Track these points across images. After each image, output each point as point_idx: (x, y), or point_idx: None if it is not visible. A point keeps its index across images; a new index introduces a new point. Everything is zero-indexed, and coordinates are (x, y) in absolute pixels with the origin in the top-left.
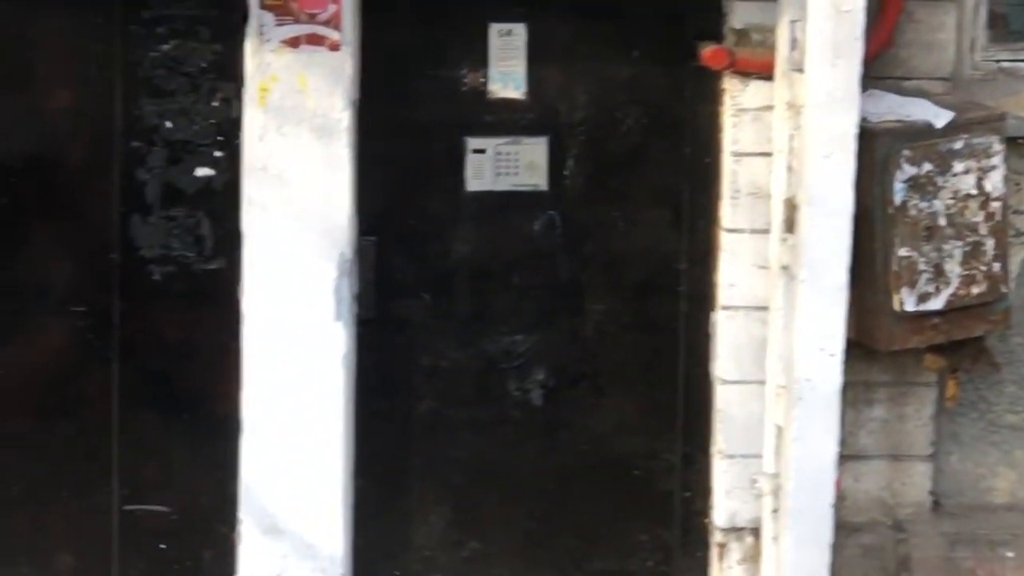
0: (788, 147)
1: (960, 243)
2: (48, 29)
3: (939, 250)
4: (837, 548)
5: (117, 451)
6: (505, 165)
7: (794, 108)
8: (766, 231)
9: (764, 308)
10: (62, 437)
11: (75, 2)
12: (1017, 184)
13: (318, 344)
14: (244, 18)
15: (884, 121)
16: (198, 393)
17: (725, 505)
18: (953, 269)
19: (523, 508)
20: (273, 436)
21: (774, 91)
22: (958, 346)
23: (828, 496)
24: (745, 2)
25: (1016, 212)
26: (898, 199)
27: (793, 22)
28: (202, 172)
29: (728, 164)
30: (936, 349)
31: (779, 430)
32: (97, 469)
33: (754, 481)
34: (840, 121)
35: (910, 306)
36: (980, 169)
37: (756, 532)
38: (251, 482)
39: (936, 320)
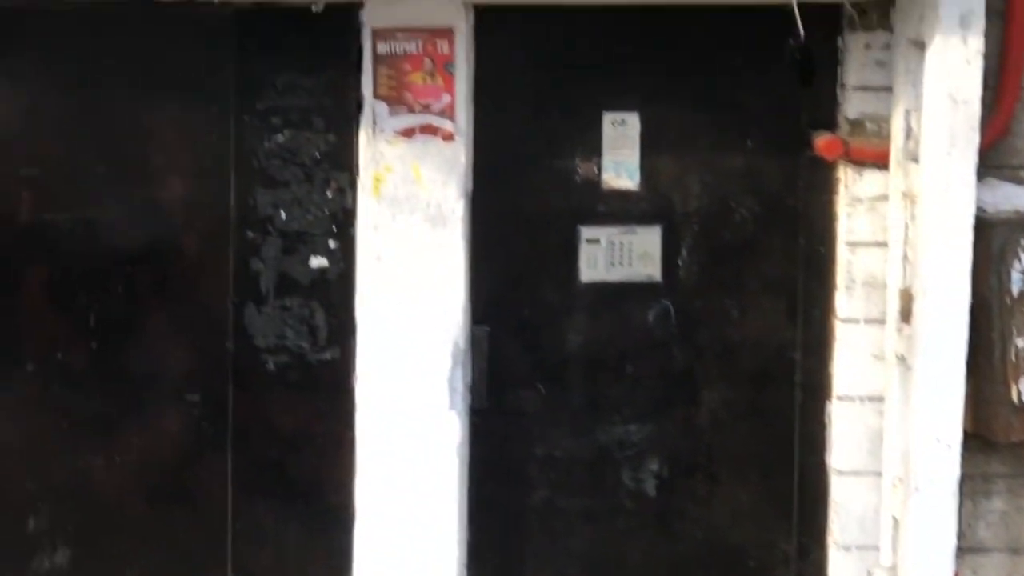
0: (903, 237)
1: None
2: (163, 120)
3: None
4: None
5: (231, 538)
6: (619, 255)
7: (909, 198)
8: (881, 321)
9: (880, 398)
10: (177, 524)
11: (190, 93)
12: None
13: (432, 433)
14: (358, 108)
15: (1000, 210)
16: (312, 482)
17: None
18: None
19: None
20: (387, 525)
21: (889, 180)
22: None
23: None
24: (859, 92)
25: None
26: (1015, 289)
27: (908, 112)
28: (316, 262)
29: (843, 254)
30: None
31: (896, 522)
32: (212, 556)
33: (870, 573)
34: (956, 211)
35: None
36: None
37: None
38: (364, 570)
39: None
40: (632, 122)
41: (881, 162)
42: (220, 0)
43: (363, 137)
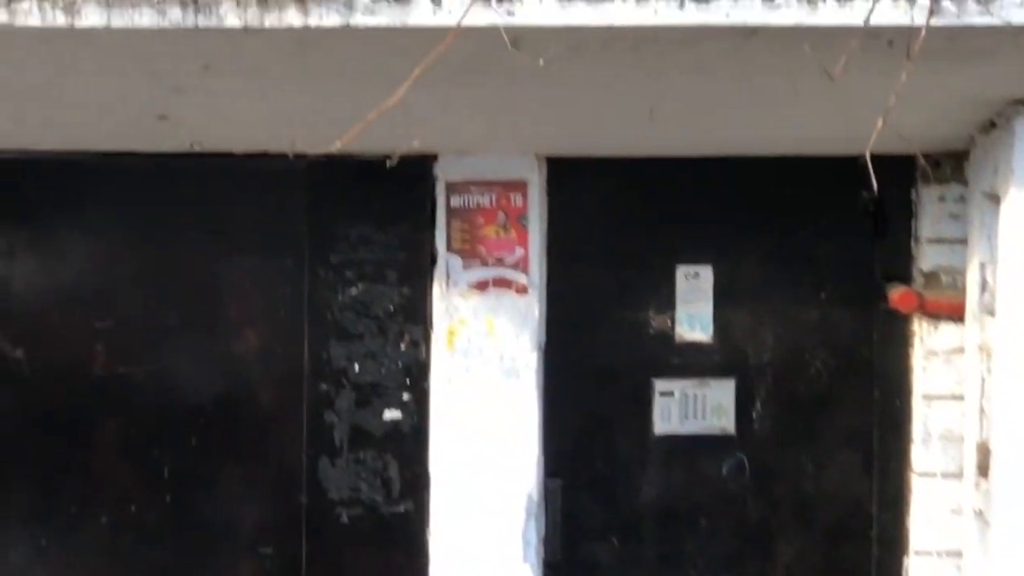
0: (980, 390)
1: None
2: (237, 272)
3: None
4: None
5: None
6: (692, 407)
7: (985, 351)
8: (958, 475)
9: (958, 554)
10: None
11: (265, 247)
12: None
13: None
14: (432, 262)
15: None
16: None
17: None
18: None
19: None
20: None
21: (965, 333)
22: None
23: None
24: (934, 244)
25: None
26: None
27: (983, 265)
28: (390, 415)
29: (919, 407)
30: None
31: None
32: None
33: None
34: None
35: None
36: None
37: None
38: None
39: None
40: (705, 275)
41: (956, 315)
42: (294, 153)
43: (437, 290)
